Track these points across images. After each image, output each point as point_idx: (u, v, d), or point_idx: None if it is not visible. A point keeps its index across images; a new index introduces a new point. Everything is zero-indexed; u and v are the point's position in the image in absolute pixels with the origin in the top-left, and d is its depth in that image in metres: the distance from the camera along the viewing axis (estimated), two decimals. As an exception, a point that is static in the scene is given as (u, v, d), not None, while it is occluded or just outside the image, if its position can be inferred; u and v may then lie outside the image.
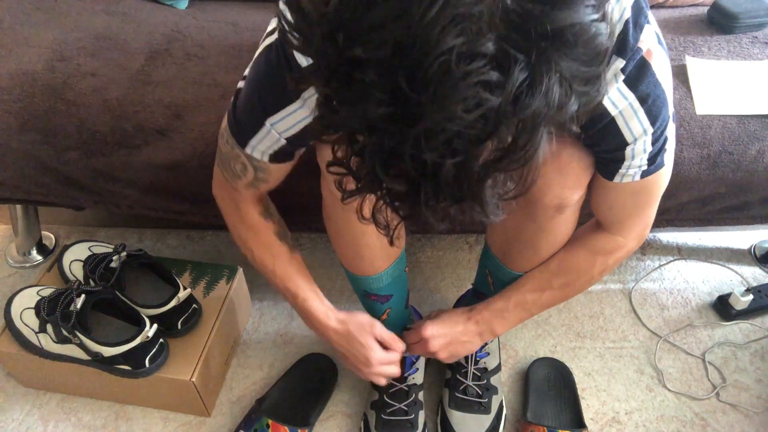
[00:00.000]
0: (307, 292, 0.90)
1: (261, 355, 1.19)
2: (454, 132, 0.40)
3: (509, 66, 0.38)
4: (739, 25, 1.17)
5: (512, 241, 0.89)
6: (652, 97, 0.62)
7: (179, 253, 1.38)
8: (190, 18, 1.25)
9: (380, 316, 1.03)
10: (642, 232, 0.82)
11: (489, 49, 0.38)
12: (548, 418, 1.06)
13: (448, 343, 0.94)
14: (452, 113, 0.39)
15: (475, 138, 0.40)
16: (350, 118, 0.42)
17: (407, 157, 0.41)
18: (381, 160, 0.43)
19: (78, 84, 1.05)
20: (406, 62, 0.38)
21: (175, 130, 1.03)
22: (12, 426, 1.08)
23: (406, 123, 0.40)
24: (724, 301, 1.25)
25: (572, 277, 0.87)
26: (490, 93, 0.38)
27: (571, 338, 1.22)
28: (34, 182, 1.12)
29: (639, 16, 0.59)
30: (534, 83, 0.39)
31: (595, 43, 0.41)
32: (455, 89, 0.38)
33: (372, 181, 0.45)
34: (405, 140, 0.40)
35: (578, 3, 0.39)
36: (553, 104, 0.40)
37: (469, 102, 0.38)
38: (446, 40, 0.37)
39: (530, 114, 0.40)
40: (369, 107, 0.40)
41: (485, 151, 0.42)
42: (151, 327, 0.97)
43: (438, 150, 0.40)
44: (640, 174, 0.70)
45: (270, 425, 1.02)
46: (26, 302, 1.04)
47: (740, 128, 1.03)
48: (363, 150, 0.43)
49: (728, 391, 1.13)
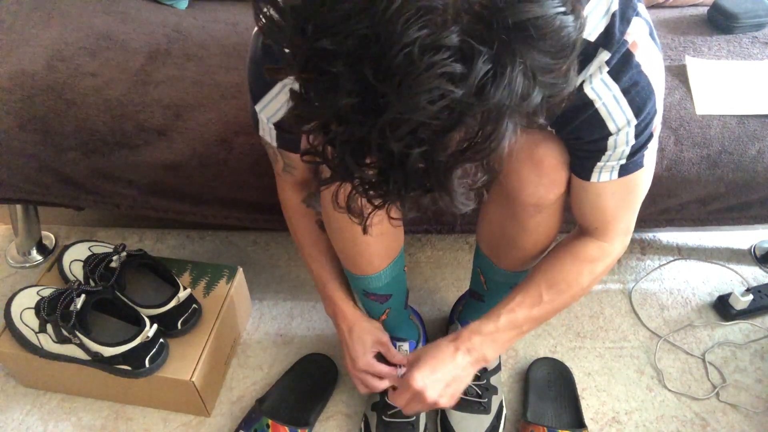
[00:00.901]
0: (333, 280, 0.94)
1: (261, 355, 1.19)
2: (418, 122, 0.40)
3: (473, 58, 0.39)
4: (739, 25, 1.17)
5: (499, 240, 0.90)
6: (636, 88, 0.62)
7: (179, 253, 1.38)
8: (190, 18, 1.25)
9: (380, 316, 1.03)
10: (624, 237, 0.80)
11: (453, 41, 0.38)
12: (548, 418, 1.06)
13: (446, 386, 0.82)
14: (416, 104, 0.39)
15: (440, 128, 0.41)
16: (321, 108, 0.43)
17: (374, 147, 0.42)
18: (351, 149, 0.44)
19: (78, 84, 1.05)
20: (372, 54, 0.39)
21: (175, 130, 1.03)
22: (12, 426, 1.08)
23: (372, 113, 0.41)
24: (724, 301, 1.25)
25: (562, 288, 0.81)
26: (454, 84, 0.39)
27: (571, 338, 1.22)
28: (34, 182, 1.12)
29: (627, 8, 0.60)
30: (497, 74, 0.40)
31: (561, 35, 0.42)
32: (419, 81, 0.39)
33: (344, 169, 0.46)
34: (372, 130, 0.41)
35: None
36: (516, 95, 0.41)
37: (433, 93, 0.39)
38: (410, 33, 0.38)
39: (494, 105, 0.40)
40: (338, 98, 0.41)
41: (451, 141, 0.42)
42: (151, 327, 0.97)
43: (404, 140, 0.41)
44: (618, 170, 0.69)
45: (270, 425, 1.02)
46: (26, 302, 1.04)
47: (740, 128, 1.03)
48: (334, 139, 0.44)
49: (728, 391, 1.13)
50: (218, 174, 1.05)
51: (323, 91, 0.42)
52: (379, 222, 0.85)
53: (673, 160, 1.02)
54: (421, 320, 1.20)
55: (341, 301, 0.94)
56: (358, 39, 0.39)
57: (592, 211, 0.77)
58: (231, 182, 1.07)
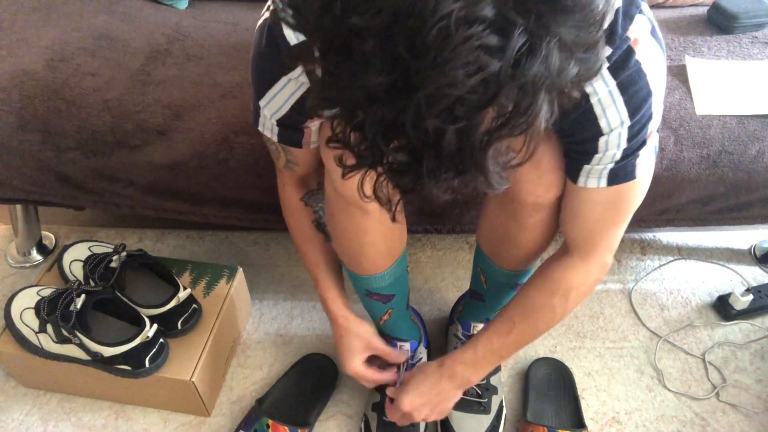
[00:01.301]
0: (329, 282, 0.94)
1: (261, 355, 1.19)
2: (455, 97, 0.39)
3: (508, 30, 0.38)
4: (739, 25, 1.17)
5: (498, 239, 0.90)
6: (634, 87, 0.61)
7: (179, 253, 1.38)
8: (190, 18, 1.25)
9: (382, 317, 1.03)
10: (606, 258, 0.80)
11: (488, 13, 0.38)
12: (548, 418, 1.06)
13: (432, 408, 0.92)
14: (453, 78, 0.38)
15: (476, 103, 0.40)
16: (350, 90, 0.42)
17: (409, 126, 0.41)
18: (382, 132, 0.43)
19: (78, 84, 1.05)
20: (405, 29, 0.38)
21: (175, 130, 1.03)
22: (12, 426, 1.08)
23: (407, 91, 0.40)
24: (724, 301, 1.25)
25: (536, 318, 0.84)
26: (491, 57, 0.38)
27: (571, 338, 1.22)
28: (34, 182, 1.12)
29: (630, 6, 0.59)
30: (534, 47, 0.39)
31: (592, 7, 0.41)
32: (455, 54, 0.38)
33: (373, 154, 0.44)
34: (406, 109, 0.40)
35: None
36: (553, 69, 0.40)
37: (470, 67, 0.38)
38: (444, 5, 0.37)
39: (531, 78, 0.40)
40: (369, 77, 0.40)
41: (487, 117, 0.42)
42: (151, 327, 0.97)
43: (440, 117, 0.40)
44: (606, 177, 0.68)
45: (270, 425, 1.02)
46: (26, 302, 1.04)
47: (740, 128, 1.03)
48: (363, 124, 0.43)
49: (728, 391, 1.13)
50: (218, 174, 1.05)
51: (352, 72, 0.41)
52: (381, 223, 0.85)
53: (673, 160, 1.02)
54: (421, 320, 1.20)
55: (332, 302, 0.94)
56: (389, 14, 0.38)
57: (577, 220, 0.76)
58: (231, 182, 1.07)
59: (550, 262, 0.83)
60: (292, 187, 0.90)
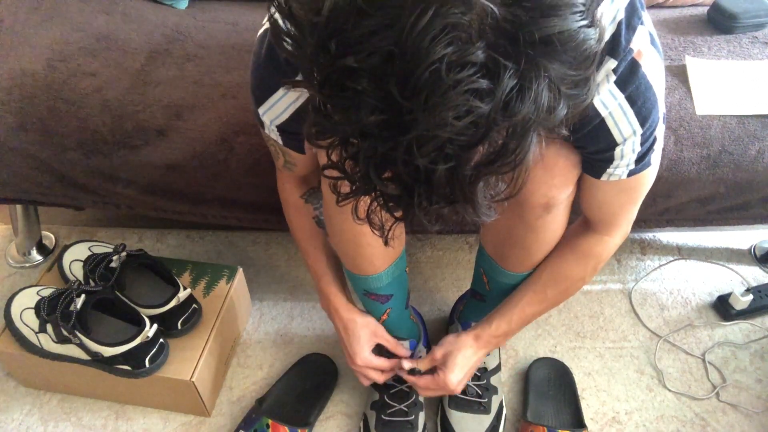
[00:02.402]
0: (330, 277, 0.95)
1: (261, 355, 1.19)
2: (445, 139, 0.40)
3: (499, 73, 0.39)
4: (739, 25, 1.17)
5: (504, 241, 0.90)
6: (642, 98, 0.63)
7: (179, 253, 1.38)
8: (190, 18, 1.25)
9: (381, 317, 1.03)
10: (626, 229, 0.83)
11: (479, 57, 0.38)
12: (548, 418, 1.06)
13: (470, 375, 0.97)
14: (443, 121, 0.39)
15: (466, 144, 0.41)
16: (343, 124, 0.43)
17: (400, 163, 0.42)
18: (374, 164, 0.44)
19: (78, 84, 1.05)
20: (398, 71, 0.39)
21: (175, 130, 1.03)
22: (12, 426, 1.08)
23: (398, 130, 0.41)
24: (724, 301, 1.25)
25: (566, 285, 0.89)
26: (480, 100, 0.39)
27: (571, 338, 1.22)
28: (34, 182, 1.12)
29: (632, 17, 0.60)
30: (523, 89, 0.40)
31: (584, 47, 0.42)
32: (446, 97, 0.39)
33: (366, 184, 0.45)
34: (397, 147, 0.41)
35: (566, 10, 0.40)
36: (542, 109, 0.41)
37: (460, 109, 0.39)
38: (436, 50, 0.38)
39: (520, 119, 0.40)
40: (362, 114, 0.41)
41: (476, 154, 0.42)
42: (151, 327, 0.97)
43: (430, 156, 0.41)
44: (627, 173, 0.71)
45: (270, 425, 1.02)
46: (26, 302, 1.04)
47: (740, 128, 1.03)
48: (357, 154, 0.44)
49: (728, 391, 1.13)
50: (218, 174, 1.05)
51: (346, 107, 0.42)
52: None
53: (673, 160, 1.02)
54: (422, 320, 1.20)
55: (335, 296, 0.95)
56: (382, 56, 0.39)
57: (600, 206, 0.79)
58: (231, 182, 1.07)
59: (576, 234, 0.86)
60: (293, 185, 0.90)
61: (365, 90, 0.40)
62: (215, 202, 1.13)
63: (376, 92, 0.40)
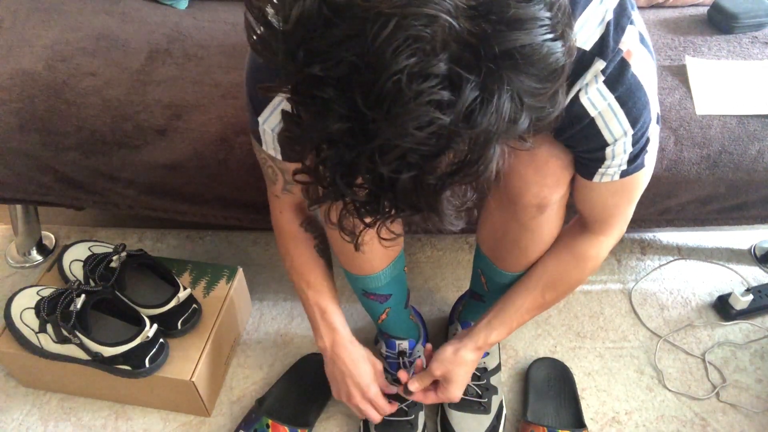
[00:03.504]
0: (335, 310, 0.92)
1: (261, 355, 1.19)
2: (407, 148, 0.41)
3: (460, 85, 0.40)
4: (739, 25, 1.17)
5: (500, 241, 0.90)
6: (633, 99, 0.63)
7: (179, 253, 1.38)
8: (190, 18, 1.25)
9: (380, 316, 1.03)
10: (622, 228, 0.83)
11: (441, 69, 0.39)
12: (548, 418, 1.06)
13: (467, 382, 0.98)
14: (405, 131, 0.40)
15: (428, 153, 0.42)
16: (312, 131, 0.43)
17: (364, 170, 0.43)
18: (341, 171, 0.44)
19: (78, 84, 1.05)
20: (362, 81, 0.40)
21: (175, 130, 1.03)
22: (12, 426, 1.08)
23: (362, 138, 0.42)
24: (724, 301, 1.25)
25: (564, 288, 0.89)
26: (441, 112, 0.40)
27: (571, 338, 1.22)
28: (34, 182, 1.12)
29: (621, 17, 0.60)
30: (485, 101, 0.40)
31: (549, 61, 0.42)
32: (407, 108, 0.39)
33: (335, 190, 0.46)
34: (362, 155, 0.42)
35: (530, 24, 0.41)
36: (504, 120, 0.41)
37: (422, 120, 0.40)
38: (399, 61, 0.38)
39: (482, 130, 0.41)
40: (329, 122, 0.42)
41: (440, 164, 0.43)
42: (151, 327, 0.97)
43: (392, 164, 0.42)
44: (619, 173, 0.70)
45: (270, 425, 1.02)
46: (26, 302, 1.04)
47: (740, 128, 1.03)
48: (326, 161, 0.45)
49: (728, 391, 1.13)
50: (218, 174, 1.05)
51: (314, 114, 0.42)
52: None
53: (673, 160, 1.02)
54: (421, 319, 1.20)
55: (343, 330, 0.92)
56: (347, 66, 0.40)
57: (594, 206, 0.79)
58: (231, 182, 1.07)
59: (573, 235, 0.85)
60: (291, 212, 0.88)
61: (332, 98, 0.41)
62: (215, 202, 1.13)
63: (341, 101, 0.41)
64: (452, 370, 0.93)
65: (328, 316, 0.91)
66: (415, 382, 0.97)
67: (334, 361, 0.93)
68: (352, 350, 0.93)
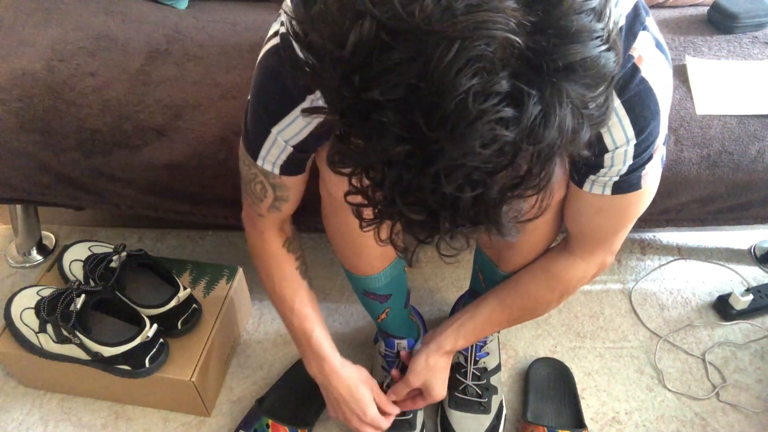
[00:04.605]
0: (322, 336, 0.90)
1: (261, 355, 1.19)
2: (472, 167, 0.41)
3: (523, 102, 0.39)
4: (739, 25, 1.17)
5: (498, 243, 0.90)
6: (641, 106, 0.61)
7: (179, 253, 1.38)
8: (190, 18, 1.25)
9: (379, 315, 1.03)
10: (603, 259, 0.82)
11: (503, 87, 0.39)
12: (548, 418, 1.06)
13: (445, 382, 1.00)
14: (470, 150, 0.40)
15: (492, 170, 0.42)
16: (368, 153, 0.43)
17: (427, 191, 0.43)
18: (400, 191, 0.44)
19: (78, 84, 1.05)
20: (423, 102, 0.39)
21: (175, 130, 1.03)
22: (12, 426, 1.08)
23: (424, 159, 0.41)
24: (724, 301, 1.24)
25: (532, 305, 0.90)
26: (506, 129, 0.39)
27: (571, 338, 1.22)
28: (34, 182, 1.12)
29: (635, 23, 0.59)
30: (548, 115, 0.40)
31: (604, 71, 0.42)
32: (472, 127, 0.39)
33: (390, 210, 0.46)
34: (424, 175, 0.42)
35: (587, 37, 0.41)
36: (567, 133, 0.41)
37: (486, 138, 0.39)
38: (462, 82, 0.38)
39: (546, 145, 0.41)
40: (387, 143, 0.41)
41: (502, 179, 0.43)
42: (151, 327, 0.97)
43: (456, 183, 0.42)
44: (611, 186, 0.68)
45: (270, 425, 1.02)
46: (26, 302, 1.04)
47: (740, 128, 1.03)
48: (382, 181, 0.44)
49: (728, 391, 1.13)
50: (218, 174, 1.05)
51: (370, 137, 0.42)
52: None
53: (673, 160, 1.02)
54: (421, 319, 1.20)
55: (331, 356, 0.90)
56: (407, 88, 0.39)
57: (579, 220, 0.77)
58: (231, 182, 1.07)
59: (552, 257, 0.85)
60: (274, 233, 0.87)
61: (390, 121, 0.40)
62: (215, 202, 1.13)
63: (401, 123, 0.40)
64: (429, 378, 0.96)
65: (315, 342, 0.89)
66: (392, 394, 0.98)
67: (326, 387, 0.92)
68: (344, 376, 0.91)
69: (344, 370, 0.91)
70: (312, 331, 0.89)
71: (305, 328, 0.89)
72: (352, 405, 0.91)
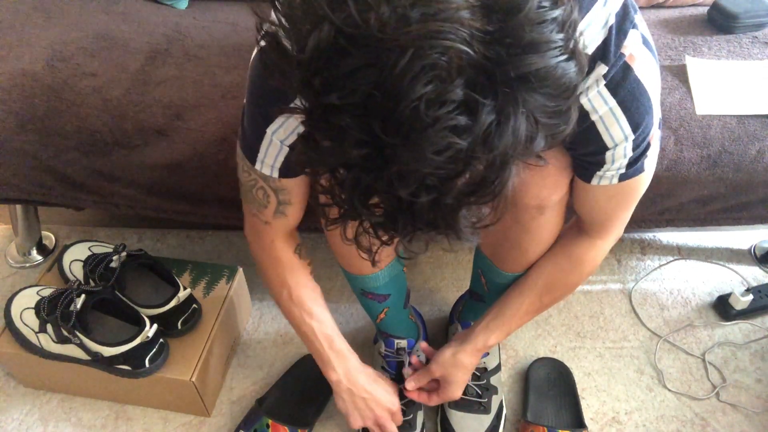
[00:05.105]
0: (341, 338, 0.92)
1: (261, 355, 1.19)
2: (425, 173, 0.42)
3: (477, 110, 0.40)
4: (739, 25, 1.17)
5: (500, 242, 0.90)
6: (635, 104, 0.63)
7: (179, 253, 1.38)
8: (190, 18, 1.25)
9: (378, 315, 1.03)
10: (619, 232, 0.83)
11: (457, 95, 0.39)
12: (548, 418, 1.06)
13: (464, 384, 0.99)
14: (423, 156, 0.41)
15: (446, 177, 0.42)
16: (329, 155, 0.44)
17: (383, 193, 0.44)
18: (359, 193, 0.45)
19: (78, 84, 1.05)
20: (379, 108, 0.40)
21: (175, 130, 1.03)
22: (12, 426, 1.08)
23: (381, 163, 0.42)
24: (724, 301, 1.25)
25: (562, 292, 0.90)
26: (459, 136, 0.40)
27: (571, 338, 1.22)
28: (34, 182, 1.12)
29: (624, 21, 0.60)
30: (501, 124, 0.41)
31: (562, 81, 0.43)
32: (425, 134, 0.40)
33: (352, 210, 0.47)
34: (380, 178, 0.43)
35: (544, 47, 0.41)
36: (520, 141, 0.42)
37: (440, 145, 0.40)
38: (416, 89, 0.39)
39: (499, 152, 0.42)
40: (346, 147, 0.42)
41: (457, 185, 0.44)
42: (151, 327, 0.97)
43: (411, 188, 0.43)
44: (617, 177, 0.70)
45: (270, 425, 1.02)
46: (26, 302, 1.04)
47: (740, 128, 1.03)
48: (343, 182, 0.45)
49: (728, 391, 1.13)
50: (218, 174, 1.05)
51: (331, 139, 0.43)
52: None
53: (673, 160, 1.02)
54: (421, 319, 1.20)
55: (352, 355, 0.93)
56: (364, 93, 0.40)
57: (591, 210, 0.79)
58: (231, 182, 1.07)
59: (571, 239, 0.85)
60: (283, 240, 0.86)
61: (348, 125, 0.41)
62: (215, 202, 1.13)
63: (359, 128, 0.41)
64: (451, 373, 0.95)
65: (337, 345, 0.90)
66: (412, 381, 0.98)
67: (351, 390, 0.92)
68: (367, 374, 0.93)
69: (365, 368, 0.94)
70: (332, 334, 0.90)
71: (327, 333, 0.90)
72: (383, 401, 0.94)
